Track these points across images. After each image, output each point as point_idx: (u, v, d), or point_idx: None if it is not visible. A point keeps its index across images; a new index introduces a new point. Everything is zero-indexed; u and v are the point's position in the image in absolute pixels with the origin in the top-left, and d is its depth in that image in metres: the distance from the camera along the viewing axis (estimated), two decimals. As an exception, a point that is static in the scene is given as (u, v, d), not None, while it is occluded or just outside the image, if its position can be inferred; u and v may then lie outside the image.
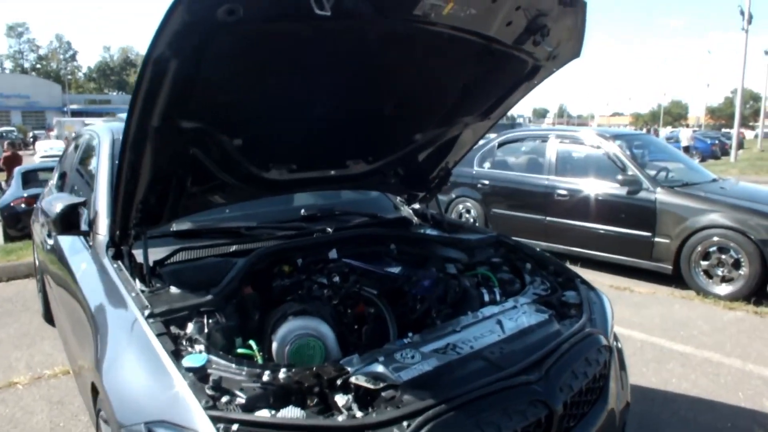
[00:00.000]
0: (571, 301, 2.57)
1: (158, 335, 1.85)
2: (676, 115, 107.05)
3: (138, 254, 2.43)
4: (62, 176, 4.64)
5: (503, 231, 3.61)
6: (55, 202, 2.71)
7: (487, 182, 7.62)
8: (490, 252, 3.06)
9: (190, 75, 1.81)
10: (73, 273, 2.74)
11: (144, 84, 1.76)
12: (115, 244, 2.48)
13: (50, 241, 3.58)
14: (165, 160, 2.14)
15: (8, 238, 8.85)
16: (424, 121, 2.86)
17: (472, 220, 7.75)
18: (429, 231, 3.36)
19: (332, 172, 2.92)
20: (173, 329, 1.94)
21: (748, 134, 52.33)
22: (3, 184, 11.75)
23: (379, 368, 1.80)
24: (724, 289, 5.57)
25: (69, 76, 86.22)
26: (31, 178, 9.92)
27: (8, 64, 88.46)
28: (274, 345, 2.00)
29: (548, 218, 6.94)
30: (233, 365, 1.77)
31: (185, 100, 1.90)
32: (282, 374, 1.73)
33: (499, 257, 3.01)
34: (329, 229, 3.04)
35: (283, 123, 2.41)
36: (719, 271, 5.63)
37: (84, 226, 2.79)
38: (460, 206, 7.95)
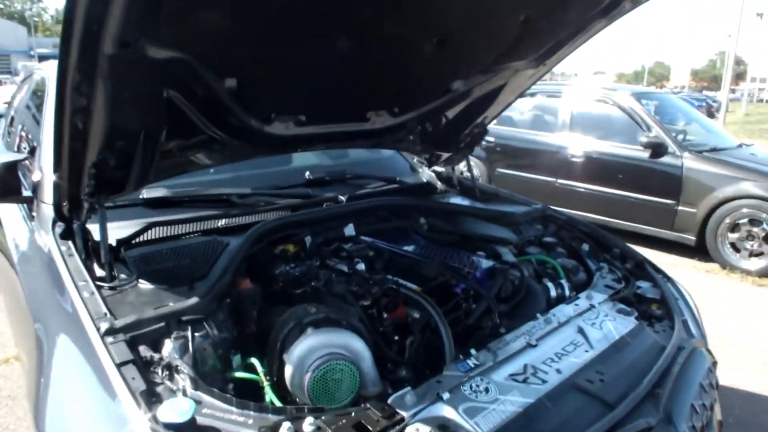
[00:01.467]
0: (649, 295, 2.05)
1: (120, 365, 1.26)
2: (658, 75, 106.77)
3: (95, 230, 1.81)
4: (10, 125, 3.91)
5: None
6: (-15, 161, 2.06)
7: (492, 139, 7.02)
8: (539, 229, 2.51)
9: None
10: (10, 256, 2.11)
11: None
12: (63, 218, 1.85)
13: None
14: (126, 107, 1.50)
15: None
16: (469, 65, 2.23)
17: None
18: (459, 200, 2.78)
19: (349, 126, 2.30)
20: (143, 352, 1.36)
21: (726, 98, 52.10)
22: None
23: (447, 411, 1.26)
24: (753, 264, 5.15)
25: (35, 18, 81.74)
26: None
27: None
28: (289, 370, 1.43)
29: (559, 181, 6.41)
30: (234, 410, 1.20)
31: (153, 14, 1.26)
32: (309, 426, 1.17)
33: (550, 236, 2.46)
34: (342, 198, 2.45)
35: (290, 59, 1.77)
36: (748, 245, 5.20)
37: (26, 192, 2.15)
38: (461, 164, 7.36)
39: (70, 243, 1.79)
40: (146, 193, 2.25)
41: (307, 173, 2.65)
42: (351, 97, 2.15)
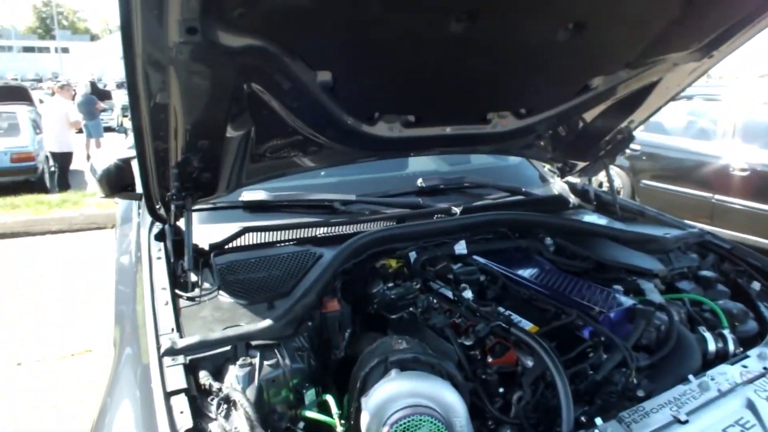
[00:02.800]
0: None
1: (170, 394, 1.12)
2: None
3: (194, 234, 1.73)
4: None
5: (653, 206, 2.56)
6: (104, 156, 2.10)
7: (638, 147, 6.28)
8: (694, 259, 2.04)
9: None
10: (117, 251, 2.11)
11: None
12: (159, 218, 1.80)
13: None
14: (204, 101, 1.37)
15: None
16: (612, 57, 1.86)
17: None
18: (595, 218, 2.38)
19: (466, 129, 2.03)
20: (203, 378, 1.21)
21: None
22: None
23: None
24: None
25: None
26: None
27: None
28: (365, 418, 1.19)
29: (716, 197, 5.54)
30: None
31: None
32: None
33: (709, 269, 1.99)
34: (456, 209, 2.18)
35: (394, 50, 1.54)
36: None
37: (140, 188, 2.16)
38: (601, 175, 6.67)
39: (162, 245, 1.73)
40: (246, 196, 2.17)
41: (420, 180, 2.41)
42: (468, 96, 1.87)
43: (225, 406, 1.18)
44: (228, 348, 1.32)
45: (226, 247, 1.92)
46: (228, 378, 1.27)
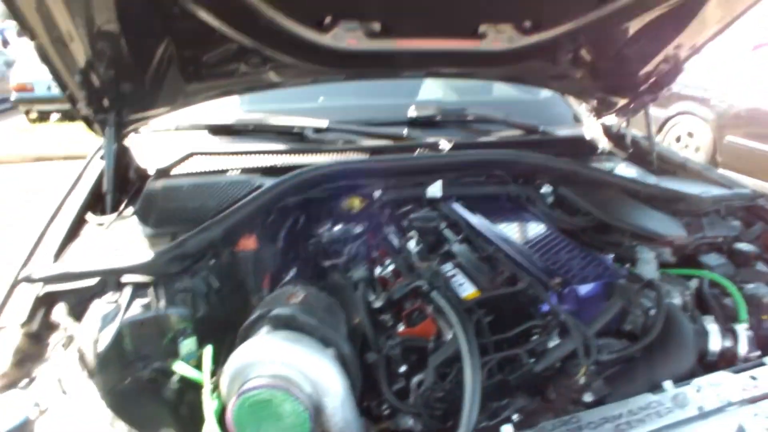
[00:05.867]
0: None
1: None
2: None
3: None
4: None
5: (737, 167, 2.05)
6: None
7: (726, 99, 5.44)
8: (734, 227, 1.59)
9: None
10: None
11: None
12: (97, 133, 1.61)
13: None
14: None
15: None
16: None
17: (693, 148, 5.72)
18: (622, 167, 1.93)
19: (453, 45, 1.64)
20: (56, 314, 1.09)
21: None
22: None
23: None
24: None
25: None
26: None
27: None
28: (224, 381, 0.96)
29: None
30: None
31: None
32: None
33: (752, 241, 1.54)
34: (445, 143, 1.83)
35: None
36: None
37: None
38: (680, 127, 5.90)
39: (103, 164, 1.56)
40: (209, 118, 1.93)
41: (412, 108, 2.05)
42: (451, 1, 1.48)
43: (62, 346, 1.02)
44: (96, 282, 1.14)
45: (173, 172, 1.73)
46: (87, 316, 1.09)
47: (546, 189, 1.68)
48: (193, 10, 1.33)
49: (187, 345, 1.12)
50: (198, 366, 1.05)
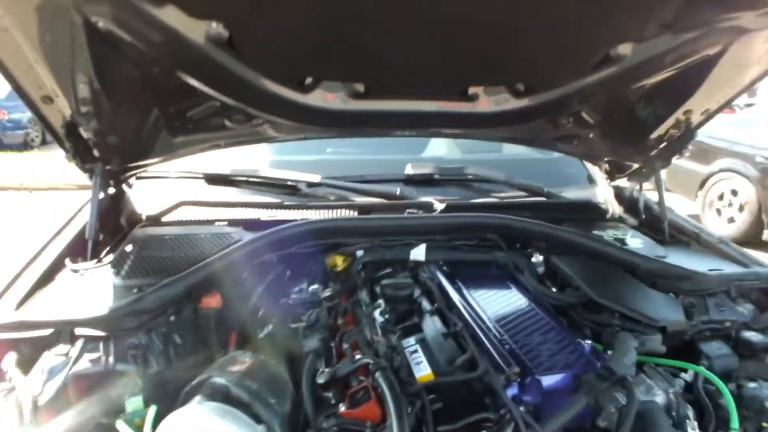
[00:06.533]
0: None
1: None
2: None
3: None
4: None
5: None
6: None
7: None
8: (743, 313, 1.43)
9: None
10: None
11: None
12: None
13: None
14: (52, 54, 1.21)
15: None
16: (640, 16, 1.31)
17: (737, 207, 5.44)
18: (628, 236, 1.81)
19: (444, 107, 1.59)
20: (6, 362, 1.10)
21: None
22: None
23: None
24: None
25: None
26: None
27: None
28: None
29: None
30: None
31: None
32: None
33: (763, 331, 1.38)
34: (437, 204, 1.77)
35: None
36: None
37: None
38: (723, 185, 5.63)
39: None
40: (209, 169, 1.96)
41: (409, 167, 2.00)
42: (438, 64, 1.43)
43: (3, 396, 1.04)
44: (48, 333, 1.15)
45: (163, 220, 1.75)
46: (35, 367, 1.09)
47: (537, 258, 1.58)
48: (173, 71, 1.34)
49: (133, 403, 1.09)
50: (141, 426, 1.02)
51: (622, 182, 2.16)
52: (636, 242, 1.75)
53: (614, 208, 2.06)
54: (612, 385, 1.01)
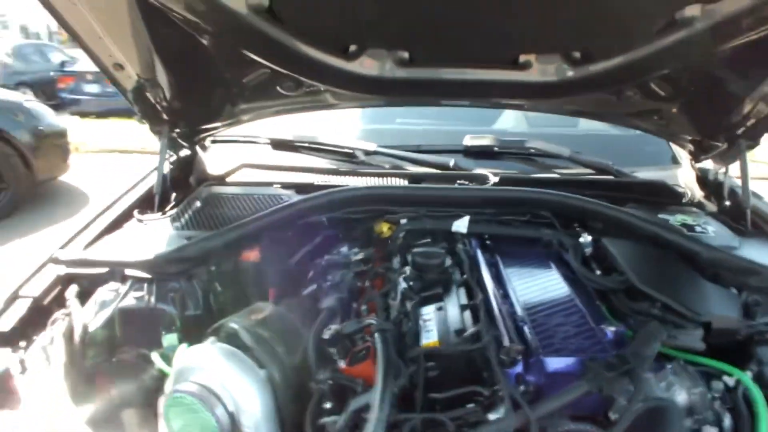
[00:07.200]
0: None
1: (15, 297, 1.26)
2: None
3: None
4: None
5: None
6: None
7: None
8: None
9: None
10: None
11: None
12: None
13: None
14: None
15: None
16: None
17: None
18: (699, 223, 1.64)
19: (494, 75, 1.53)
20: (69, 292, 1.27)
21: None
22: None
23: None
24: None
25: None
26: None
27: None
28: (170, 378, 1.06)
29: None
30: None
31: None
32: None
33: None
34: (490, 177, 1.73)
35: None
36: None
37: None
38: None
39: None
40: (271, 133, 2.06)
41: (467, 138, 1.96)
42: (486, 30, 1.38)
43: (61, 321, 1.19)
44: (104, 271, 1.31)
45: (227, 180, 1.88)
46: (91, 299, 1.26)
47: (585, 238, 1.49)
48: (221, 40, 1.42)
49: (169, 339, 1.21)
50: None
51: (708, 164, 1.96)
52: (708, 230, 1.58)
53: (694, 192, 1.88)
54: (620, 375, 0.94)
